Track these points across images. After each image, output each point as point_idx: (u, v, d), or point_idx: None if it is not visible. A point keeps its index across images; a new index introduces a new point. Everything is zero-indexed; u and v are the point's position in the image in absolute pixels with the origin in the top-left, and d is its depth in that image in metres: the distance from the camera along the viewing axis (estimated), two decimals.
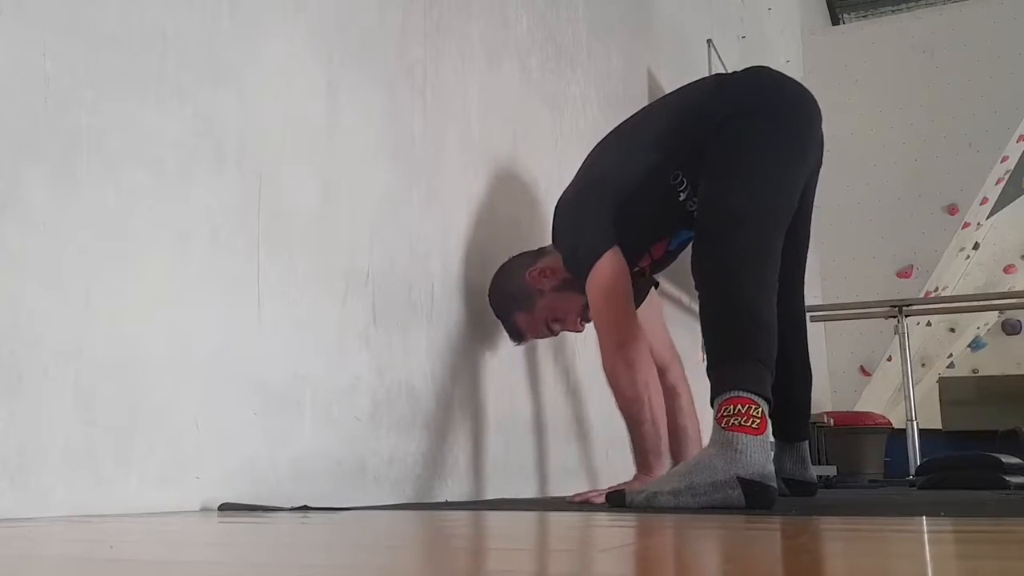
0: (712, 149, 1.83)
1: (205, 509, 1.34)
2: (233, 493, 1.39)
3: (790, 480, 2.09)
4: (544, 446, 2.46)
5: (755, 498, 1.52)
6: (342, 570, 0.62)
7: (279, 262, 1.55)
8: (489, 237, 2.25)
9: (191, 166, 1.40)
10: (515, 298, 2.11)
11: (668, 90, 3.82)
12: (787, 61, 7.29)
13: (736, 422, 1.55)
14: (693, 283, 1.81)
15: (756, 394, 1.58)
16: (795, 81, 2.01)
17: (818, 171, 2.01)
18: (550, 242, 2.10)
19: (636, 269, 2.02)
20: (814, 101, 1.96)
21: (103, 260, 1.24)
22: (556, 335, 2.22)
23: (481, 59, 2.32)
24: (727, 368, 1.63)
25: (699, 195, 1.86)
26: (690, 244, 1.91)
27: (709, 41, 3.82)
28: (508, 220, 2.36)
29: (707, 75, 2.07)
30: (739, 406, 1.57)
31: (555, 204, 2.03)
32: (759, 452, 1.55)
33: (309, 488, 1.53)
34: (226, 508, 1.35)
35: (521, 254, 2.15)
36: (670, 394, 2.08)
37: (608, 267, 1.88)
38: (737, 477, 1.52)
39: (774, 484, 1.57)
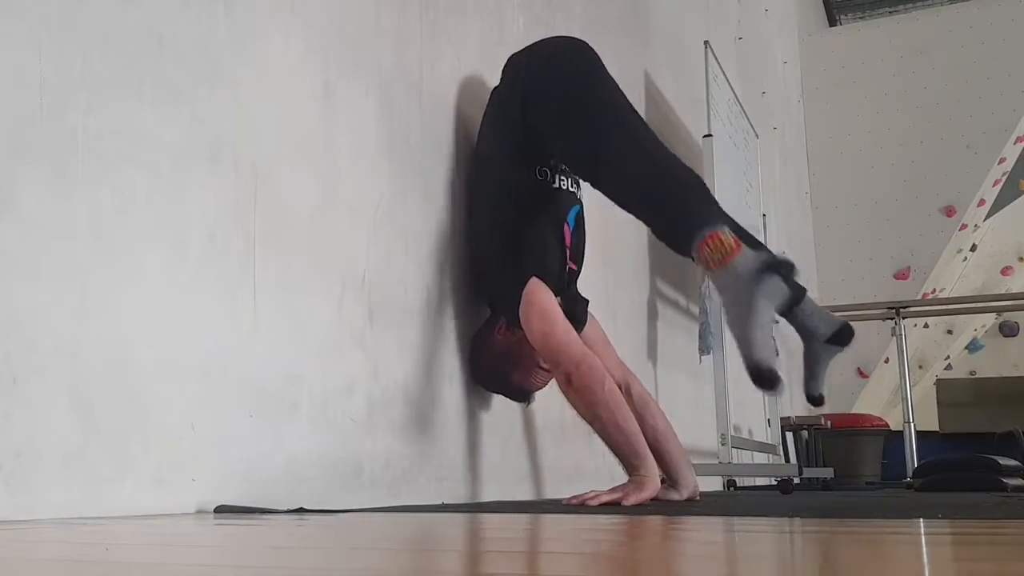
0: (545, 136, 2.03)
1: (201, 511, 1.34)
2: (229, 495, 1.38)
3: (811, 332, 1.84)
4: (540, 448, 2.46)
5: (773, 268, 1.69)
6: (338, 573, 0.62)
7: (275, 263, 1.55)
8: None
9: (187, 167, 1.40)
10: (502, 363, 2.12)
11: (665, 92, 3.83)
12: (784, 62, 7.31)
13: (718, 258, 1.71)
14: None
15: (709, 226, 1.74)
16: (549, 40, 2.22)
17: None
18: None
19: (568, 268, 2.13)
20: (576, 42, 2.16)
21: (99, 261, 1.24)
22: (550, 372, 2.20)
23: (477, 60, 2.32)
24: (680, 227, 1.81)
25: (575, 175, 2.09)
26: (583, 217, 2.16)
27: (706, 43, 3.82)
28: None
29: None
30: (709, 244, 1.72)
31: (481, 278, 2.14)
32: (750, 259, 1.70)
33: (305, 490, 1.53)
34: (222, 510, 1.34)
35: (476, 333, 2.15)
36: (641, 406, 2.10)
37: (528, 303, 1.97)
38: (753, 275, 1.68)
39: (769, 254, 1.73)
